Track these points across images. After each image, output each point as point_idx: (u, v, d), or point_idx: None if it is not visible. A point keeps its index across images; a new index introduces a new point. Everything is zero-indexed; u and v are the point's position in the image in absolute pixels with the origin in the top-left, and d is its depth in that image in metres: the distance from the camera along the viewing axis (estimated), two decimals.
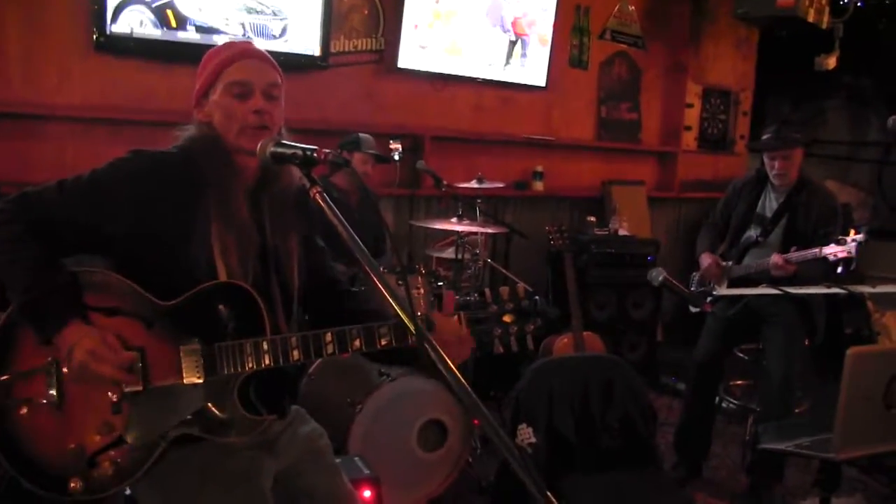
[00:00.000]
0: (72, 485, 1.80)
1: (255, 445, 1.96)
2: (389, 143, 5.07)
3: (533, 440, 2.98)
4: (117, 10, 4.18)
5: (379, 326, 1.86)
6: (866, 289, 3.05)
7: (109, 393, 1.80)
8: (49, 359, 1.81)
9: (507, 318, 1.92)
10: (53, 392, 1.81)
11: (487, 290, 1.95)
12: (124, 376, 1.77)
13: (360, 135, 4.45)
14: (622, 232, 5.78)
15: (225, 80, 1.93)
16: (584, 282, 5.32)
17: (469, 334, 1.91)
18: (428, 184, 5.09)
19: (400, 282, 3.93)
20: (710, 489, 4.02)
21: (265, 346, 1.82)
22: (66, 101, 4.23)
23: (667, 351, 5.91)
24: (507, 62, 5.66)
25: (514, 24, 5.62)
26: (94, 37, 4.18)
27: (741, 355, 4.57)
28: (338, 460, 2.95)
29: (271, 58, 2.02)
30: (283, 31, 4.72)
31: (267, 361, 1.83)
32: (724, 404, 4.81)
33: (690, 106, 6.79)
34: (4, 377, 1.82)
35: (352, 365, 3.66)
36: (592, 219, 5.78)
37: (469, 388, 1.48)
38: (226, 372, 1.83)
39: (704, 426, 4.10)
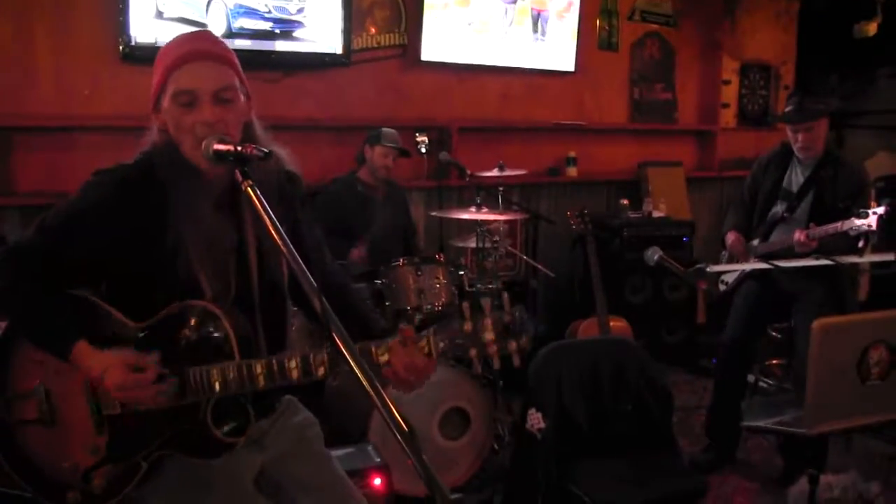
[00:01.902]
0: (70, 497, 1.86)
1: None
2: (415, 136, 5.12)
3: (542, 425, 2.97)
4: (143, 22, 4.32)
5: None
6: (854, 259, 2.96)
7: (89, 418, 1.85)
8: (38, 382, 1.87)
9: (487, 336, 1.70)
10: (44, 413, 1.87)
11: (466, 305, 1.74)
12: (163, 400, 1.78)
13: (383, 129, 4.50)
14: (657, 214, 5.71)
15: (171, 87, 1.79)
16: (616, 266, 5.28)
17: (431, 359, 1.74)
18: (456, 174, 5.11)
19: (419, 272, 3.98)
20: (744, 472, 3.95)
21: (232, 373, 1.78)
22: (96, 111, 4.38)
23: (709, 333, 5.81)
24: (535, 36, 5.61)
25: None
26: (121, 48, 4.33)
27: (775, 334, 4.47)
28: (351, 449, 3.05)
29: (227, 52, 1.86)
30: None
31: (233, 388, 1.78)
32: (760, 384, 4.71)
33: (727, 83, 6.65)
34: None
35: None
36: (625, 201, 5.72)
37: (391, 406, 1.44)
38: (195, 397, 1.80)
39: (735, 409, 4.01)
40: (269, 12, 4.66)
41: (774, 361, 5.01)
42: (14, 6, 4.20)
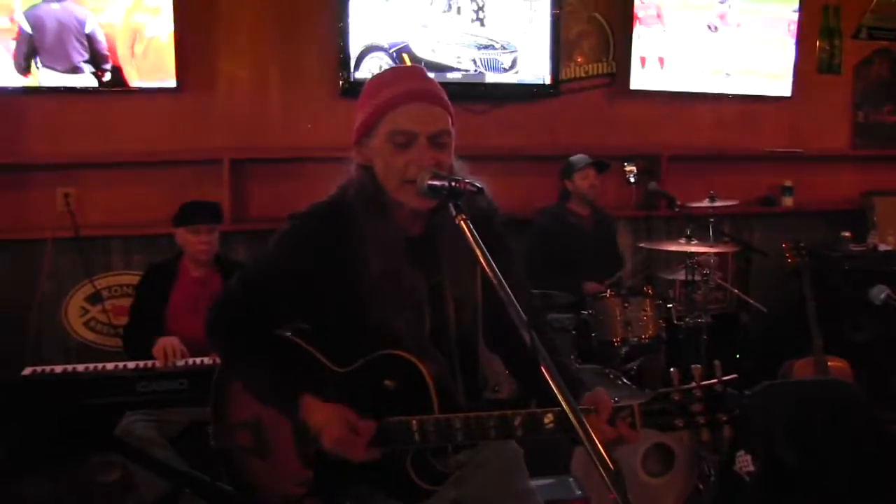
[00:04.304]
0: None
1: None
2: (624, 166, 5.08)
3: (751, 468, 2.85)
4: (360, 58, 4.61)
5: (544, 413, 1.69)
6: None
7: (298, 453, 1.93)
8: (253, 415, 1.99)
9: (695, 409, 1.60)
10: (257, 444, 2.01)
11: (674, 371, 1.64)
12: (373, 454, 1.79)
13: (570, 159, 4.54)
14: (884, 247, 5.30)
15: (388, 125, 1.76)
16: (836, 302, 4.96)
17: (635, 432, 1.65)
18: (665, 205, 5.02)
19: (626, 304, 3.94)
20: None
21: (431, 427, 1.76)
22: (317, 143, 4.71)
23: None
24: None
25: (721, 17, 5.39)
26: (340, 83, 4.64)
27: None
28: (551, 480, 3.04)
29: (442, 93, 1.84)
30: (514, 63, 4.91)
31: (432, 441, 1.78)
32: None
33: None
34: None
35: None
36: (847, 234, 5.35)
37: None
38: (393, 447, 1.81)
39: None
40: (482, 47, 4.81)
41: None
42: (252, 53, 4.69)
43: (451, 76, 4.73)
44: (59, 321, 4.53)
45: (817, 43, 5.72)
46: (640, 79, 5.18)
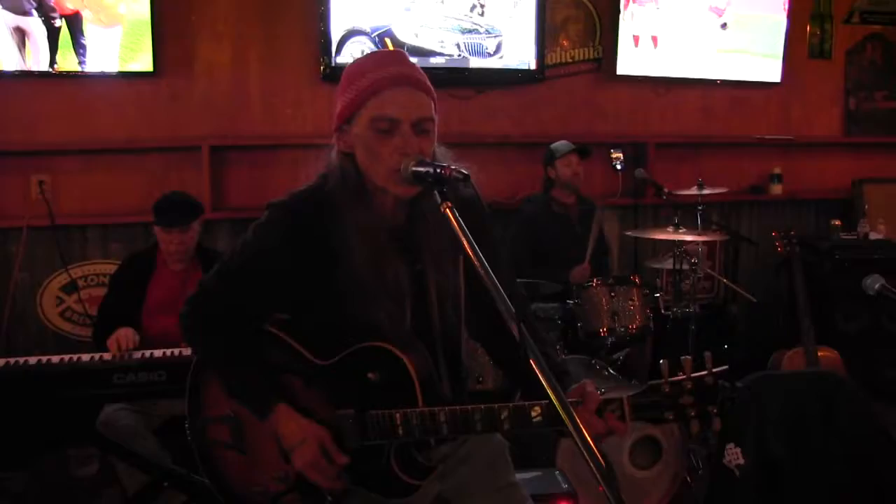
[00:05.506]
0: None
1: None
2: (611, 153, 5.02)
3: (741, 461, 2.78)
4: (341, 42, 4.51)
5: (531, 406, 1.66)
6: None
7: (278, 450, 1.86)
8: (229, 410, 1.93)
9: (685, 401, 1.58)
10: (235, 440, 1.94)
11: (664, 362, 1.61)
12: (337, 485, 1.80)
13: (550, 146, 4.44)
14: (874, 235, 5.24)
15: (370, 111, 1.72)
16: (827, 291, 4.90)
17: (623, 424, 1.63)
18: (652, 192, 4.95)
19: (613, 293, 3.87)
20: None
21: (415, 420, 1.74)
22: (298, 129, 4.63)
23: None
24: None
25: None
26: (322, 68, 4.54)
27: None
28: (538, 473, 2.97)
29: (425, 78, 1.79)
30: (498, 47, 4.81)
31: (417, 434, 1.75)
32: None
33: None
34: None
35: None
36: (837, 222, 5.29)
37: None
38: (376, 441, 1.78)
39: None
40: (466, 31, 4.72)
41: None
42: (231, 38, 4.57)
43: (434, 61, 4.63)
44: (33, 311, 4.43)
45: (808, 27, 5.64)
46: (627, 64, 5.10)
